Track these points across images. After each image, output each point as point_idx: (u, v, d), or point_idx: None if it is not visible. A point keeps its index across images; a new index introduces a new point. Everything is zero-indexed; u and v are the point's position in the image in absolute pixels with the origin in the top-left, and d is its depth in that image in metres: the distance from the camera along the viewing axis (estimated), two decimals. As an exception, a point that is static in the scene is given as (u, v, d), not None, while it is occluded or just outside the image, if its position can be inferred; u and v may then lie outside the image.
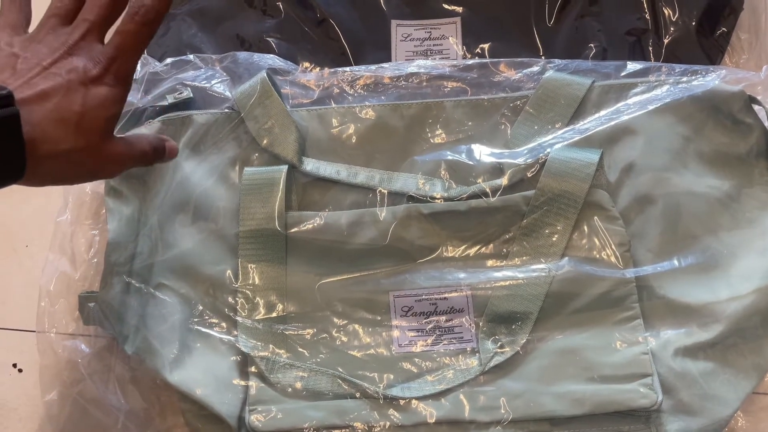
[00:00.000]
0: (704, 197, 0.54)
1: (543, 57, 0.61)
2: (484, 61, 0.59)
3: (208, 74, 0.60)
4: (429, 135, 0.57)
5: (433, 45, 0.63)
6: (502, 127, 0.57)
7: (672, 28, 0.61)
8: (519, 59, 0.59)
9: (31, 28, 0.45)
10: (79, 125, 0.41)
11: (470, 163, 0.56)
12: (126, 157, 0.45)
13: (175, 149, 0.51)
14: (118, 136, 0.45)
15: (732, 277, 0.52)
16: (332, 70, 0.60)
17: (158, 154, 0.49)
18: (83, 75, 0.42)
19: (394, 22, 0.64)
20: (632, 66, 0.57)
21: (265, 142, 0.57)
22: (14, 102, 0.39)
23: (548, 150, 0.54)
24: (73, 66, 0.42)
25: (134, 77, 0.46)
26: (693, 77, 0.56)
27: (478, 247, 0.54)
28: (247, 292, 0.54)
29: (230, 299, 0.54)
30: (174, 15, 0.64)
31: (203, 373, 0.52)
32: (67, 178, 0.44)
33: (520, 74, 0.58)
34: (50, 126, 0.40)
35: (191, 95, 0.59)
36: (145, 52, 0.59)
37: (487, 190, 0.54)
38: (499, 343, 0.52)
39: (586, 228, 0.53)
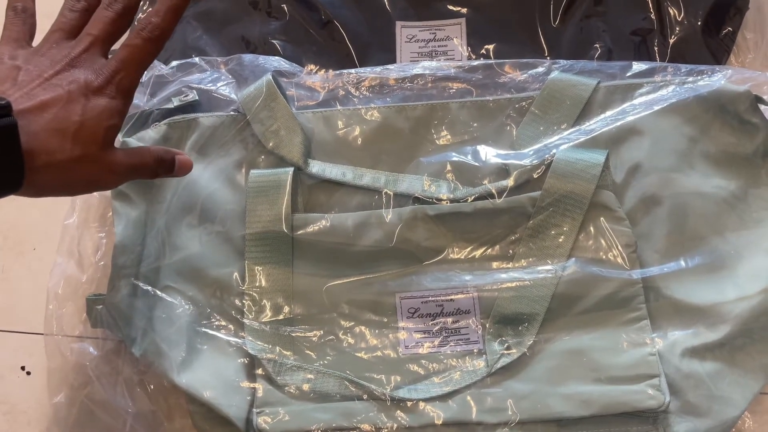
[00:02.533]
0: (711, 198, 0.54)
1: (548, 58, 0.61)
2: (489, 62, 0.59)
3: (213, 77, 0.60)
4: (434, 136, 0.57)
5: (438, 46, 0.63)
6: (508, 128, 0.57)
7: (677, 28, 0.60)
8: (524, 60, 0.59)
9: (36, 42, 0.45)
10: (77, 135, 0.41)
11: (476, 164, 0.56)
12: (126, 168, 0.45)
13: (188, 163, 0.49)
14: (123, 148, 0.45)
15: (739, 277, 0.52)
16: (337, 72, 0.60)
17: (163, 165, 0.48)
18: (84, 86, 0.42)
19: (398, 24, 0.64)
20: (638, 66, 0.57)
21: (271, 144, 0.57)
22: (12, 112, 0.39)
23: (554, 151, 0.54)
24: (75, 78, 0.42)
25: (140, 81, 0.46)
26: (699, 77, 0.56)
27: (484, 248, 0.54)
28: (254, 294, 0.54)
29: (237, 302, 0.54)
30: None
31: (211, 375, 0.52)
32: (66, 189, 0.44)
33: (525, 75, 0.58)
34: (48, 136, 0.40)
35: (197, 98, 0.59)
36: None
37: (493, 191, 0.54)
38: (506, 344, 0.52)
39: (592, 229, 0.53)
